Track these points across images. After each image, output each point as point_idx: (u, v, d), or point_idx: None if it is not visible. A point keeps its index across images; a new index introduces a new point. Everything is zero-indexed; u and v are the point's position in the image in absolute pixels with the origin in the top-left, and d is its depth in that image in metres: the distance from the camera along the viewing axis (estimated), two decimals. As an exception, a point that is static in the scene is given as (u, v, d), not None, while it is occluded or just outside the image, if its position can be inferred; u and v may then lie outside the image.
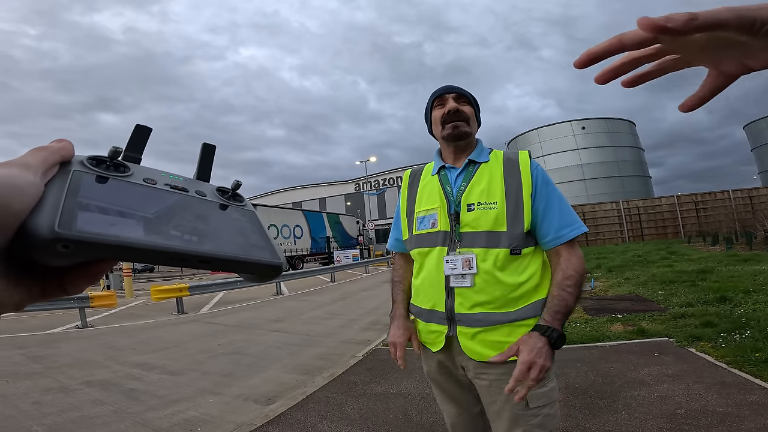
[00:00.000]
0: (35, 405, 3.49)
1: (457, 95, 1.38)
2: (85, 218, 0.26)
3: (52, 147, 0.30)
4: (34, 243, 0.24)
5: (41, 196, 0.26)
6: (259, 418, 3.05)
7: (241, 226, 0.36)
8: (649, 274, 8.48)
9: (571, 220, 1.28)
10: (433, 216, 1.35)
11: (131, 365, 4.73)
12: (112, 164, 0.33)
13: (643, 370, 3.40)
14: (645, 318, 5.07)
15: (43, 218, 0.25)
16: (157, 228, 0.30)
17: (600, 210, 22.68)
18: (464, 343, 1.27)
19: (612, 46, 0.36)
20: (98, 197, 0.29)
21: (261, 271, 0.34)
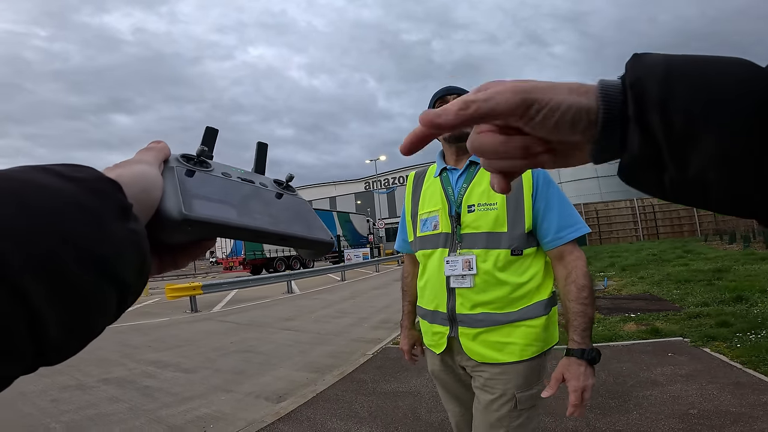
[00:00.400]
0: (53, 402, 3.58)
1: (459, 96, 1.35)
2: (198, 203, 0.33)
3: (158, 147, 0.36)
4: (168, 223, 0.31)
5: (163, 187, 0.33)
6: (269, 416, 3.09)
7: (299, 211, 0.43)
8: (664, 273, 8.34)
9: (572, 221, 1.28)
10: (435, 218, 1.38)
11: (147, 363, 4.82)
12: (198, 161, 0.39)
13: (656, 370, 3.36)
14: (659, 317, 4.99)
15: (172, 204, 0.31)
16: (246, 211, 0.37)
17: (614, 208, 22.36)
18: (465, 343, 1.30)
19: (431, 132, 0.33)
20: (198, 187, 0.36)
21: (320, 247, 0.41)
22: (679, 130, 0.26)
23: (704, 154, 0.26)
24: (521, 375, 1.26)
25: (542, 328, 1.27)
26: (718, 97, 0.26)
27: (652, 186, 0.30)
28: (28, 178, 0.23)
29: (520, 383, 1.25)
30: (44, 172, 0.24)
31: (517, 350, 1.25)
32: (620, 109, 0.29)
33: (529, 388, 1.27)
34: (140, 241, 0.26)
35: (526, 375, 1.26)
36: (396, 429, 2.79)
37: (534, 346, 1.26)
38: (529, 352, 1.26)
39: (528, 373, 1.26)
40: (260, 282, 11.38)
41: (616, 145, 0.29)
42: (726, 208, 0.28)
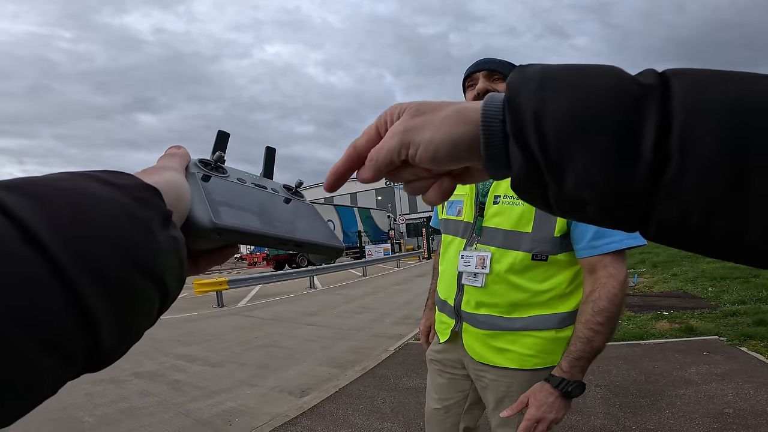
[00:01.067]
0: (87, 396, 3.70)
1: (489, 72, 1.19)
2: (224, 211, 0.33)
3: (181, 153, 0.36)
4: (200, 231, 0.31)
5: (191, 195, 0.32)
6: (293, 410, 3.13)
7: (309, 217, 0.43)
8: (698, 270, 8.01)
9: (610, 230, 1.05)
10: (460, 203, 1.28)
11: (176, 357, 4.95)
12: (215, 167, 0.39)
13: (690, 369, 3.23)
14: (694, 316, 4.80)
15: (202, 212, 0.31)
16: (266, 219, 0.37)
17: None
18: (467, 340, 1.25)
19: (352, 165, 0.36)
20: (219, 194, 0.36)
21: (332, 252, 0.41)
22: (552, 146, 0.26)
23: (575, 174, 0.26)
24: (525, 382, 1.15)
25: (552, 341, 1.15)
26: (584, 113, 0.25)
27: (540, 201, 0.29)
28: (78, 186, 0.23)
29: (524, 389, 1.13)
30: (91, 179, 0.24)
31: (518, 358, 1.16)
32: (501, 129, 0.28)
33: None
34: (180, 249, 0.26)
35: (529, 385, 1.13)
36: (418, 425, 2.78)
37: (538, 358, 1.15)
38: (530, 363, 1.15)
39: (530, 383, 1.12)
40: (283, 277, 11.56)
41: (505, 165, 0.29)
42: (604, 224, 0.28)
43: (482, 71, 1.20)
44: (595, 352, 1.02)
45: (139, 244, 0.23)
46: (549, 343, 1.15)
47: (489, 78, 1.19)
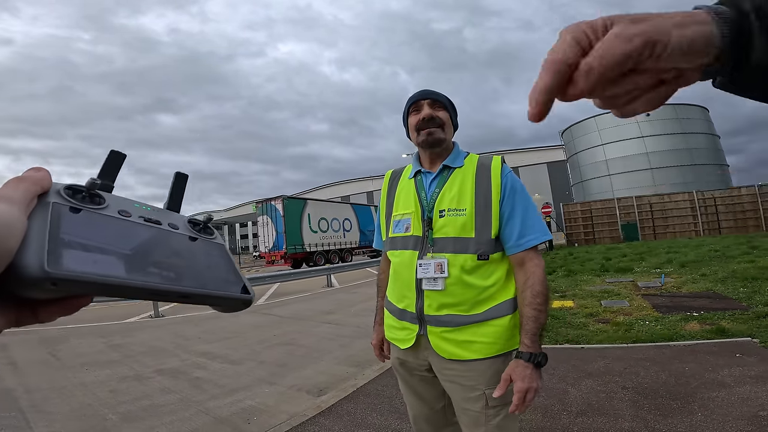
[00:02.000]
0: (112, 393, 3.76)
1: (432, 101, 1.39)
2: (70, 256, 0.27)
3: (32, 178, 0.30)
4: (25, 280, 0.25)
5: (26, 232, 0.26)
6: (311, 409, 3.11)
7: (213, 260, 0.38)
8: (729, 270, 7.71)
9: (534, 228, 1.29)
10: (408, 220, 1.40)
11: (197, 354, 5.02)
12: (89, 195, 0.33)
13: (723, 371, 3.09)
14: (725, 317, 4.61)
15: (32, 257, 0.25)
16: (137, 265, 0.31)
17: (670, 201, 20.95)
18: (434, 341, 1.32)
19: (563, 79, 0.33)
20: (78, 232, 0.29)
21: (233, 304, 0.36)
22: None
23: None
24: (488, 372, 1.27)
25: (507, 327, 1.29)
26: None
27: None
28: None
29: (488, 380, 1.27)
30: None
31: (483, 348, 1.27)
32: (738, 27, 0.33)
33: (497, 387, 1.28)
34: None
35: (493, 372, 1.27)
36: (438, 426, 2.72)
37: (498, 344, 1.28)
38: (493, 350, 1.27)
39: (494, 370, 1.27)
40: (301, 276, 11.65)
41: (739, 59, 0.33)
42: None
43: (427, 99, 1.39)
44: (542, 327, 1.23)
45: None
46: (505, 330, 1.28)
47: (432, 106, 1.38)
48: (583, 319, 5.20)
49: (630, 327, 4.60)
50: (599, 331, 4.58)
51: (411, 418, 1.55)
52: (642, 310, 5.43)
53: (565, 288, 7.78)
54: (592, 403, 2.82)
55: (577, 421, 2.59)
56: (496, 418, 1.26)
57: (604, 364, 3.52)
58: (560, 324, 5.04)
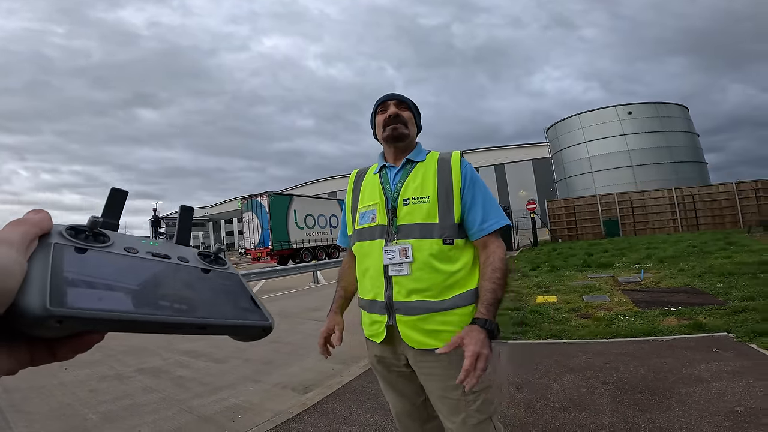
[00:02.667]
0: (92, 393, 3.69)
1: (398, 102, 1.50)
2: (74, 294, 0.27)
3: (31, 220, 0.30)
4: (28, 321, 0.25)
5: (27, 273, 0.27)
6: (296, 407, 3.10)
7: (228, 290, 0.37)
8: (706, 266, 7.93)
9: (494, 214, 1.38)
10: (373, 211, 1.46)
11: (180, 353, 4.95)
12: (92, 234, 0.33)
13: (700, 366, 3.18)
14: (702, 312, 4.74)
15: (34, 296, 0.25)
16: (146, 299, 0.30)
17: (650, 198, 21.43)
18: (403, 331, 1.35)
19: None
20: (82, 270, 0.29)
21: (253, 332, 0.35)
22: None
23: None
24: (459, 360, 1.25)
25: (472, 315, 1.31)
26: None
27: None
28: None
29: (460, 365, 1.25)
30: None
31: (450, 337, 1.28)
32: None
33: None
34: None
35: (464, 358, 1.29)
36: (423, 422, 2.74)
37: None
38: None
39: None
40: (287, 272, 11.59)
41: None
42: None
43: (393, 100, 1.50)
44: (498, 300, 1.27)
45: None
46: (470, 318, 1.30)
47: (398, 106, 1.49)
48: (565, 315, 5.29)
49: (610, 322, 4.70)
50: (581, 326, 4.67)
51: (394, 415, 1.58)
52: (622, 305, 5.55)
53: (549, 283, 7.90)
54: (573, 398, 2.87)
55: (559, 416, 2.64)
56: (475, 404, 1.30)
57: (586, 360, 3.59)
58: (543, 319, 5.12)
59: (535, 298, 6.54)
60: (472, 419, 1.29)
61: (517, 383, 3.22)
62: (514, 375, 3.39)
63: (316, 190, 60.63)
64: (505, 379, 3.29)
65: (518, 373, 3.42)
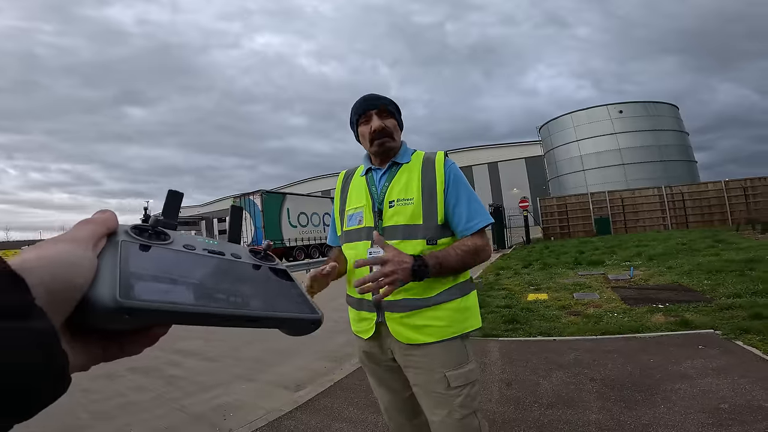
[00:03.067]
0: (84, 392, 3.66)
1: (380, 110, 1.46)
2: (141, 287, 0.29)
3: (98, 219, 0.32)
4: (99, 314, 0.26)
5: (97, 269, 0.28)
6: (288, 404, 3.12)
7: (278, 284, 0.39)
8: (694, 263, 8.04)
9: (478, 213, 1.40)
10: (360, 214, 1.48)
11: (172, 351, 4.93)
12: (154, 232, 0.35)
13: (686, 363, 3.24)
14: (689, 309, 4.82)
15: (105, 290, 0.27)
16: (206, 292, 0.32)
17: (640, 196, 21.66)
18: (392, 327, 1.38)
19: None
20: (147, 266, 0.31)
21: (303, 325, 0.37)
22: None
23: None
24: (445, 354, 1.34)
25: (458, 310, 1.37)
26: None
27: None
28: None
29: (445, 362, 1.34)
30: None
31: (436, 331, 1.34)
32: None
33: (458, 366, 1.35)
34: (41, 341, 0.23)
35: (450, 355, 1.35)
36: (414, 419, 2.77)
37: (452, 328, 1.36)
38: (448, 333, 1.35)
39: (451, 352, 1.35)
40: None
41: None
42: None
43: (374, 109, 1.45)
44: (446, 263, 1.27)
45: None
46: (456, 312, 1.37)
47: (380, 115, 1.46)
48: (556, 312, 5.35)
49: (599, 319, 4.76)
50: (570, 324, 4.72)
51: (383, 410, 1.60)
52: (611, 302, 5.62)
53: (541, 281, 7.97)
54: (562, 395, 2.91)
55: (547, 413, 2.68)
56: (458, 398, 1.32)
57: (575, 357, 3.64)
58: (534, 317, 5.18)
59: (527, 296, 6.60)
60: (456, 414, 1.31)
61: (506, 380, 3.26)
62: (504, 372, 3.44)
63: (309, 188, 60.44)
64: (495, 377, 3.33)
65: (508, 370, 3.46)
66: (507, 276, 9.06)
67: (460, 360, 1.36)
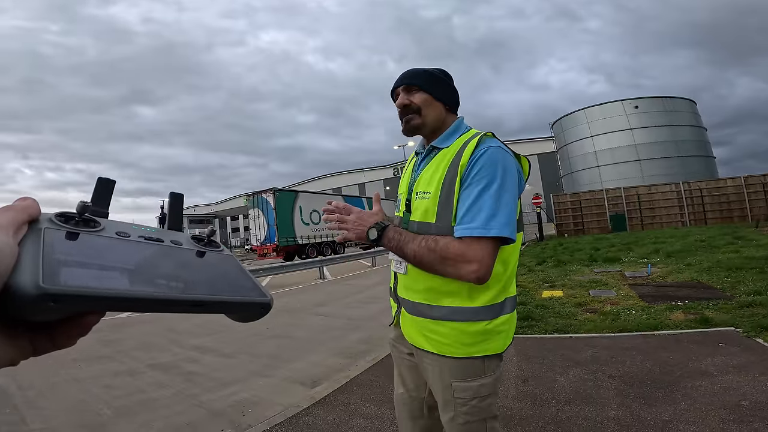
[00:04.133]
0: (106, 388, 3.74)
1: (406, 87, 1.32)
2: (67, 273, 0.27)
3: (18, 206, 0.30)
4: (21, 301, 0.24)
5: (18, 256, 0.26)
6: (305, 400, 3.15)
7: (224, 270, 0.37)
8: (714, 260, 7.88)
9: (473, 218, 1.11)
10: (400, 200, 1.42)
11: (190, 348, 5.01)
12: (82, 220, 0.33)
13: (706, 361, 3.18)
14: (709, 306, 4.73)
15: (26, 277, 0.25)
16: (144, 278, 0.30)
17: (657, 192, 21.27)
18: (403, 324, 1.35)
19: None
20: (74, 252, 0.29)
21: (252, 309, 0.35)
22: None
23: None
24: (452, 366, 1.23)
25: (468, 333, 1.19)
26: None
27: None
28: None
29: (454, 372, 1.22)
30: None
31: (437, 345, 1.23)
32: None
33: (468, 379, 1.22)
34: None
35: (459, 368, 1.22)
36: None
37: (453, 347, 1.20)
38: (446, 351, 1.21)
39: (459, 366, 1.22)
40: (293, 268, 11.69)
41: None
42: None
43: (401, 86, 1.34)
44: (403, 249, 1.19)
45: None
46: (463, 335, 1.19)
47: (407, 91, 1.32)
48: (571, 309, 5.30)
49: (617, 316, 4.70)
50: (587, 321, 4.68)
51: (394, 399, 1.54)
52: (629, 299, 5.55)
53: (555, 278, 7.89)
54: (579, 391, 2.89)
55: (565, 409, 2.66)
56: (464, 407, 1.23)
57: (592, 354, 3.61)
58: (549, 314, 5.14)
59: (541, 293, 6.55)
60: (459, 419, 1.23)
61: (523, 377, 3.24)
62: (520, 369, 3.42)
63: (321, 186, 60.77)
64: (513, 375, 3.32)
65: (524, 367, 3.45)
66: (520, 273, 8.99)
67: (472, 374, 1.22)
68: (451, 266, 1.11)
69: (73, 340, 0.31)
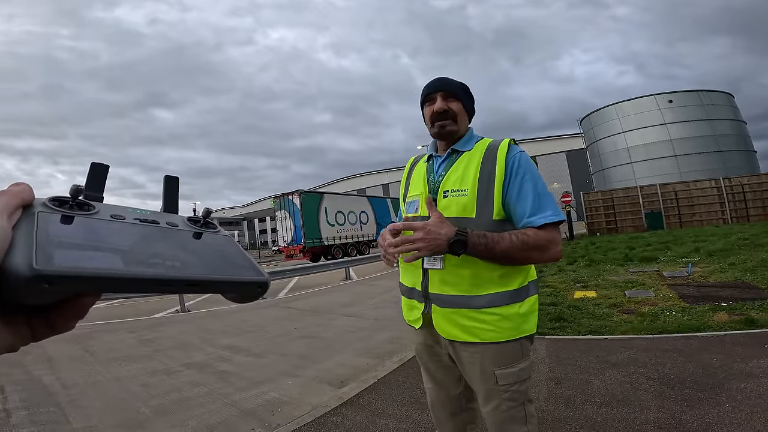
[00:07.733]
0: (144, 387, 3.85)
1: (445, 93, 1.41)
2: (62, 254, 0.27)
3: (11, 191, 0.30)
4: (16, 284, 0.24)
5: (12, 239, 0.26)
6: (333, 400, 3.17)
7: (220, 250, 0.37)
8: (758, 259, 7.46)
9: (544, 208, 1.27)
10: (416, 202, 1.45)
11: (222, 347, 5.13)
12: (76, 204, 0.33)
13: (752, 362, 3.01)
14: (754, 307, 4.47)
15: (20, 259, 0.25)
16: (139, 258, 0.30)
17: (696, 188, 20.32)
18: (436, 320, 1.35)
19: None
20: (69, 234, 0.29)
21: (248, 289, 0.35)
22: None
23: None
24: (494, 353, 1.29)
25: (509, 318, 1.28)
26: None
27: None
28: None
29: (496, 360, 1.29)
30: None
31: (483, 334, 1.28)
32: None
33: (509, 365, 1.29)
34: None
35: (501, 354, 1.29)
36: (460, 416, 2.74)
37: (501, 334, 1.28)
38: (488, 336, 1.28)
39: (503, 351, 1.29)
40: (320, 269, 11.81)
41: None
42: None
43: (440, 92, 1.41)
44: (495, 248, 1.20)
45: None
46: (503, 320, 1.28)
47: (445, 98, 1.41)
48: (606, 310, 5.12)
49: (655, 317, 4.51)
50: (623, 322, 4.51)
51: (429, 404, 1.59)
52: (668, 300, 5.32)
53: (587, 278, 7.66)
54: (616, 393, 2.79)
55: (600, 411, 2.57)
56: (506, 393, 1.30)
57: (629, 355, 3.47)
58: (582, 315, 4.98)
59: (573, 293, 6.36)
60: (503, 405, 1.30)
61: (555, 378, 3.15)
62: (552, 370, 3.33)
63: (345, 187, 61.29)
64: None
65: (556, 369, 3.35)
66: (551, 273, 8.76)
67: (513, 359, 1.30)
68: (539, 252, 1.25)
69: (71, 323, 0.31)
